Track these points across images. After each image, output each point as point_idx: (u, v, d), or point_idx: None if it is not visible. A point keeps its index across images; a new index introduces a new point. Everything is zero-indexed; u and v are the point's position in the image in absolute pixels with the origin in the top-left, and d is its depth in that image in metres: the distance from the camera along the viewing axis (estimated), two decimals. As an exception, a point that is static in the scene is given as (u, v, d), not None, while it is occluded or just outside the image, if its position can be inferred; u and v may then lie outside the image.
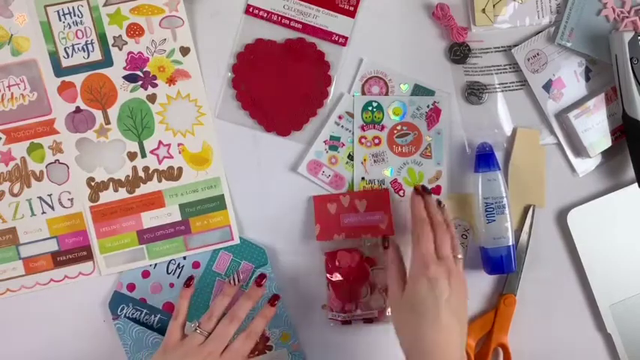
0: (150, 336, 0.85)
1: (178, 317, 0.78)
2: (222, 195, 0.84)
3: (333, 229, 0.84)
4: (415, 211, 0.78)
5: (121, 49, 0.83)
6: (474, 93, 0.84)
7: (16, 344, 0.86)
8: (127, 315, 0.85)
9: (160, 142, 0.84)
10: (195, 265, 0.85)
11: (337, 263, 0.83)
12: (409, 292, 0.73)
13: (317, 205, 0.85)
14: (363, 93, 0.85)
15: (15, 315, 0.85)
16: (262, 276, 0.80)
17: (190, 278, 0.81)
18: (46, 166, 0.83)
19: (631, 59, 0.80)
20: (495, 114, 0.85)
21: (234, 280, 0.80)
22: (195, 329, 0.76)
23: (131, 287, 0.85)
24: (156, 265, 0.85)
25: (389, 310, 0.85)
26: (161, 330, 0.85)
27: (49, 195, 0.83)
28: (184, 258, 0.85)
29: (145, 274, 0.85)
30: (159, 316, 0.85)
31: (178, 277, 0.85)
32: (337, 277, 0.83)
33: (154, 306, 0.85)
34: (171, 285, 0.85)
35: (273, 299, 0.80)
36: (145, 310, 0.85)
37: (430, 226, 0.76)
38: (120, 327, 0.85)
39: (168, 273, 0.85)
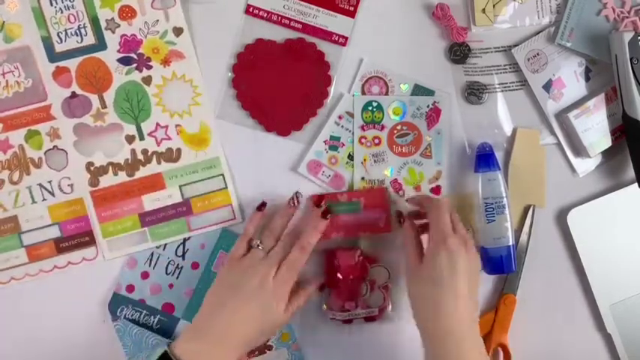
0: (150, 337, 0.84)
1: (245, 235, 0.81)
2: (222, 175, 0.85)
3: (332, 228, 0.84)
4: (426, 198, 0.82)
5: (114, 32, 0.83)
6: (473, 93, 0.84)
7: (21, 333, 0.85)
8: (127, 316, 0.85)
9: (158, 124, 0.84)
10: (194, 265, 0.85)
11: (336, 262, 0.83)
12: (427, 264, 0.75)
13: (314, 205, 0.84)
14: (363, 93, 0.85)
15: (20, 304, 0.85)
16: (321, 198, 0.84)
17: (263, 204, 0.83)
18: (45, 153, 0.83)
19: (631, 59, 0.80)
20: (495, 114, 0.85)
21: (293, 201, 0.83)
22: (257, 245, 0.79)
23: (130, 288, 0.85)
24: (155, 265, 0.85)
25: (389, 308, 0.85)
26: (160, 331, 0.85)
27: (49, 182, 0.84)
28: (183, 259, 0.85)
29: (144, 275, 0.85)
30: (158, 316, 0.85)
31: (177, 277, 0.85)
32: (337, 276, 0.83)
33: (153, 307, 0.85)
34: (171, 286, 0.85)
35: (325, 212, 0.82)
36: (144, 311, 0.85)
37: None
38: (119, 328, 0.85)
39: (167, 274, 0.85)
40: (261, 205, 0.83)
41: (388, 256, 0.86)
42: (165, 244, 0.85)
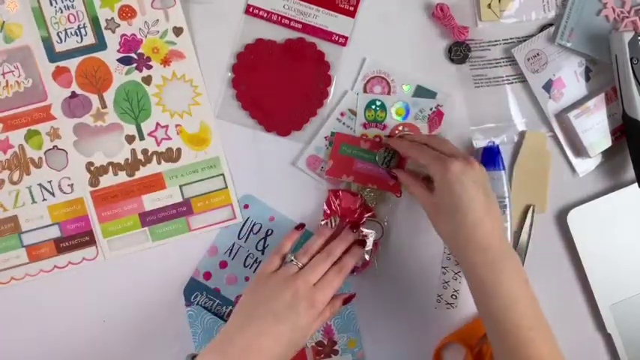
0: (222, 326, 0.84)
1: (280, 250, 0.79)
2: (223, 174, 0.85)
3: (344, 170, 0.84)
4: (403, 144, 0.80)
5: (114, 32, 0.83)
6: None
7: (21, 333, 0.85)
8: (200, 303, 0.85)
9: (158, 124, 0.84)
10: None
11: (338, 202, 0.84)
12: (440, 196, 0.73)
13: (336, 142, 0.84)
14: (365, 92, 0.85)
15: (20, 304, 0.85)
16: (356, 224, 0.82)
17: (301, 225, 0.83)
18: (45, 153, 0.84)
19: (631, 59, 0.80)
20: (503, 106, 0.85)
21: (331, 223, 0.83)
22: (291, 260, 0.77)
23: (207, 275, 0.85)
24: (234, 256, 0.85)
25: (375, 265, 0.85)
26: None
27: (49, 182, 0.84)
28: (262, 253, 0.86)
29: (223, 264, 0.85)
30: (230, 308, 0.85)
31: (254, 271, 0.85)
32: (334, 215, 0.84)
33: (227, 297, 0.85)
34: (247, 278, 0.85)
35: (360, 242, 0.82)
36: (217, 301, 0.85)
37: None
38: (192, 314, 0.85)
39: (245, 266, 0.85)
40: (300, 226, 0.83)
41: (386, 218, 0.86)
42: (247, 237, 0.85)
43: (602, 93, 0.84)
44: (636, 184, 0.82)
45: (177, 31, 0.83)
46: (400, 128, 0.85)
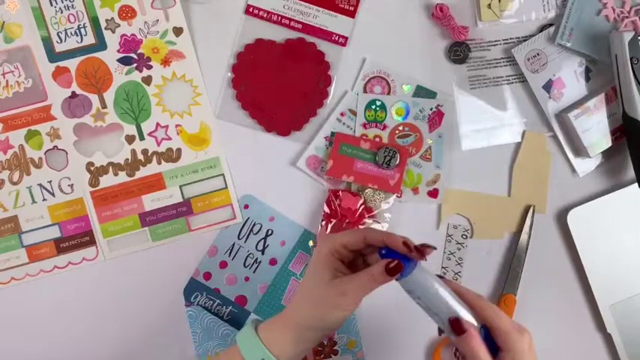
0: (221, 327, 0.85)
1: None
2: (222, 174, 0.85)
3: (344, 170, 0.84)
4: (477, 297, 0.66)
5: (114, 32, 0.83)
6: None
7: (21, 333, 0.85)
8: (200, 303, 0.85)
9: (158, 124, 0.84)
10: (272, 262, 0.85)
11: (338, 202, 0.84)
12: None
13: (336, 142, 0.84)
14: (365, 92, 0.85)
15: (20, 304, 0.85)
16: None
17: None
18: (45, 153, 0.84)
19: (631, 59, 0.80)
20: (502, 106, 0.85)
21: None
22: None
23: (207, 276, 0.85)
24: (234, 257, 0.85)
25: None
26: (231, 322, 0.85)
27: (49, 182, 0.84)
28: (262, 253, 0.86)
29: (223, 264, 0.85)
30: (230, 308, 0.85)
31: (254, 271, 0.85)
32: (334, 215, 0.83)
33: (227, 297, 0.85)
34: (247, 279, 0.85)
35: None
36: (217, 301, 0.85)
37: None
38: (192, 314, 0.85)
39: (245, 266, 0.86)
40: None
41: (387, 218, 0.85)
42: (247, 237, 0.85)
43: (602, 93, 0.84)
44: (636, 184, 0.82)
45: (177, 31, 0.83)
46: (400, 128, 0.85)
